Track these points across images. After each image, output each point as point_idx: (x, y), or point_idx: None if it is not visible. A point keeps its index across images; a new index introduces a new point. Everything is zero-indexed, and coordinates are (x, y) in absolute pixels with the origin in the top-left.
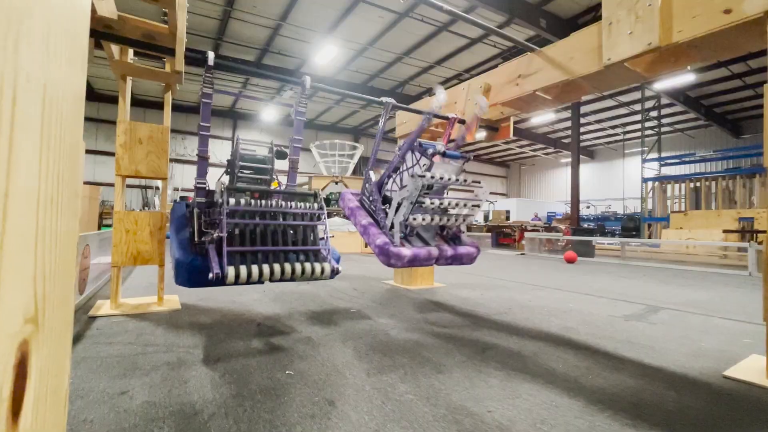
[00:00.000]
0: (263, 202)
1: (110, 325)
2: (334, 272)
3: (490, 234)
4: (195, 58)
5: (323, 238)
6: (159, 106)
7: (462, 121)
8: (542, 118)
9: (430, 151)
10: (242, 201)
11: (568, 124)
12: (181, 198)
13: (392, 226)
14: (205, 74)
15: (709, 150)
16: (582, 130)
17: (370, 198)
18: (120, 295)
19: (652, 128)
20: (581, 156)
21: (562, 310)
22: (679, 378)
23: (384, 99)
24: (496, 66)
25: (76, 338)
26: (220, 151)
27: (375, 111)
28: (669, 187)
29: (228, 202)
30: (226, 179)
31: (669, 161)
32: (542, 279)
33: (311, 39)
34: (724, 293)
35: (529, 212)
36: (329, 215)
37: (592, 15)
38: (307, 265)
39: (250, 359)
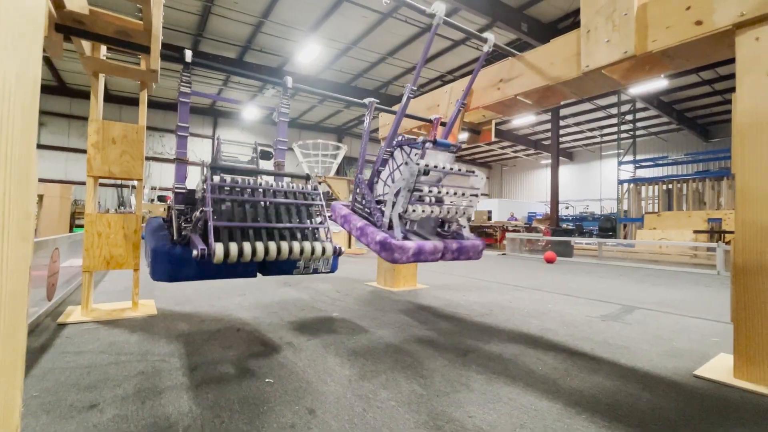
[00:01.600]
0: (251, 180)
1: (80, 332)
2: (337, 252)
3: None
4: (172, 56)
5: (322, 221)
6: (135, 102)
7: (444, 124)
8: (523, 120)
9: (421, 139)
10: (228, 179)
11: (548, 126)
12: (159, 198)
13: (390, 225)
14: (183, 73)
15: (681, 153)
16: (561, 132)
17: (363, 201)
18: (92, 300)
19: (627, 131)
20: (560, 157)
21: (542, 311)
22: (652, 378)
23: (367, 100)
24: None
25: (43, 348)
26: (200, 150)
27: (359, 111)
28: (643, 188)
29: (212, 179)
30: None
31: (643, 164)
32: (523, 279)
33: (294, 37)
34: (695, 292)
35: (511, 213)
36: None
37: (571, 20)
38: (306, 244)
39: (229, 367)
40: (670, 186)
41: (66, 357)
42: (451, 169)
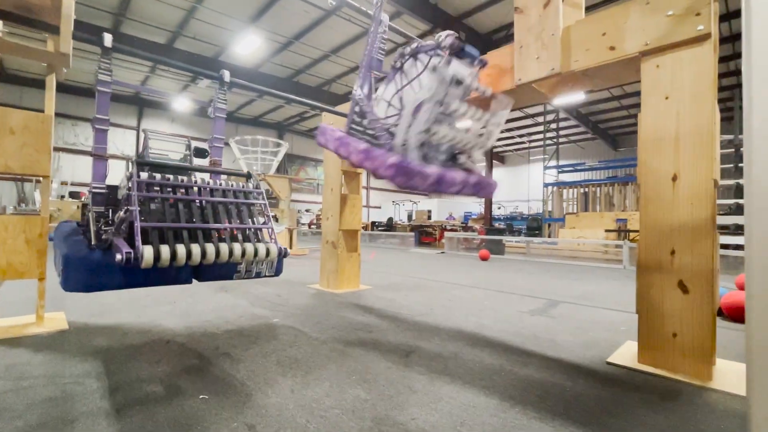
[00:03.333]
0: (185, 179)
1: None
2: (282, 254)
3: (413, 233)
4: (87, 39)
5: (265, 222)
6: (41, 84)
7: None
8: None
9: (448, 41)
10: (158, 176)
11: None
12: (72, 195)
13: (400, 149)
14: (102, 58)
15: (595, 160)
16: None
17: (364, 121)
18: None
19: (551, 138)
20: (494, 161)
21: (479, 308)
22: (574, 368)
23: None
24: None
25: None
26: (122, 142)
27: (300, 108)
28: (565, 191)
29: (138, 175)
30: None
31: (565, 169)
32: (460, 277)
33: (232, 26)
34: (606, 285)
35: (450, 212)
36: None
37: (504, 32)
38: (249, 246)
39: (157, 385)
40: (587, 189)
41: None
42: (477, 88)
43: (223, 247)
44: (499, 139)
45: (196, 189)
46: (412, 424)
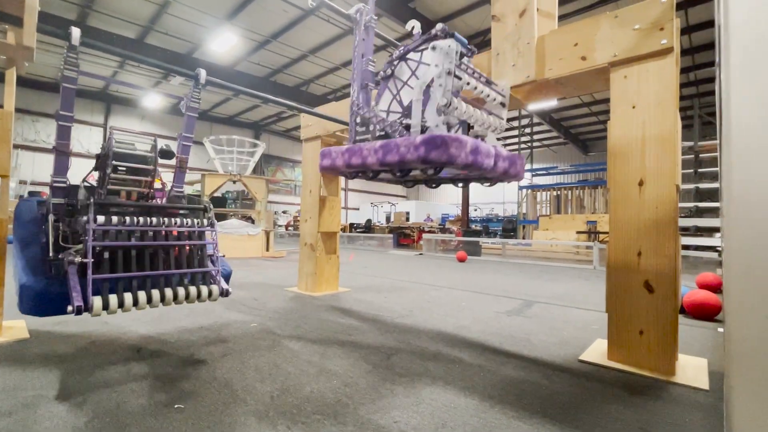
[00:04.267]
0: (140, 219)
1: None
2: (224, 294)
3: (391, 235)
4: (53, 33)
5: (212, 255)
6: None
7: None
8: None
9: (438, 27)
10: (114, 219)
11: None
12: (31, 194)
13: (422, 131)
14: (69, 53)
15: (567, 164)
16: None
17: (370, 126)
18: None
19: (526, 143)
20: None
21: (457, 309)
22: (549, 366)
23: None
24: None
25: None
26: (87, 140)
27: (277, 108)
28: (538, 194)
29: (95, 220)
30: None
31: (538, 172)
32: (439, 279)
33: (206, 23)
34: (578, 285)
35: (428, 214)
36: (226, 216)
37: (481, 38)
38: (193, 289)
39: (128, 395)
40: (559, 192)
41: None
42: (474, 73)
43: (169, 293)
44: None
45: (151, 233)
46: (394, 427)
